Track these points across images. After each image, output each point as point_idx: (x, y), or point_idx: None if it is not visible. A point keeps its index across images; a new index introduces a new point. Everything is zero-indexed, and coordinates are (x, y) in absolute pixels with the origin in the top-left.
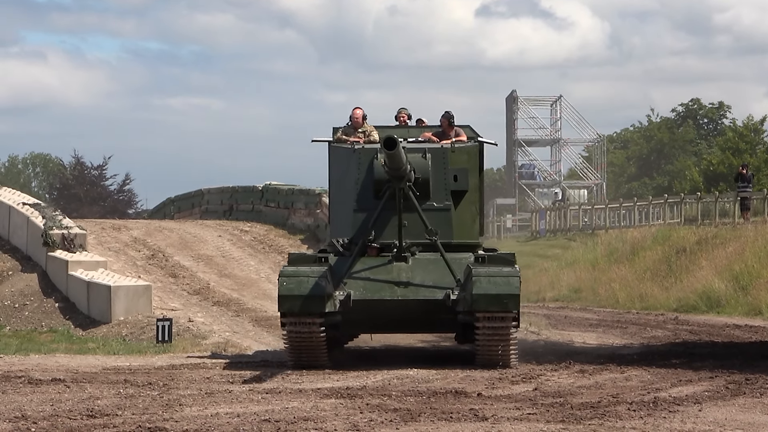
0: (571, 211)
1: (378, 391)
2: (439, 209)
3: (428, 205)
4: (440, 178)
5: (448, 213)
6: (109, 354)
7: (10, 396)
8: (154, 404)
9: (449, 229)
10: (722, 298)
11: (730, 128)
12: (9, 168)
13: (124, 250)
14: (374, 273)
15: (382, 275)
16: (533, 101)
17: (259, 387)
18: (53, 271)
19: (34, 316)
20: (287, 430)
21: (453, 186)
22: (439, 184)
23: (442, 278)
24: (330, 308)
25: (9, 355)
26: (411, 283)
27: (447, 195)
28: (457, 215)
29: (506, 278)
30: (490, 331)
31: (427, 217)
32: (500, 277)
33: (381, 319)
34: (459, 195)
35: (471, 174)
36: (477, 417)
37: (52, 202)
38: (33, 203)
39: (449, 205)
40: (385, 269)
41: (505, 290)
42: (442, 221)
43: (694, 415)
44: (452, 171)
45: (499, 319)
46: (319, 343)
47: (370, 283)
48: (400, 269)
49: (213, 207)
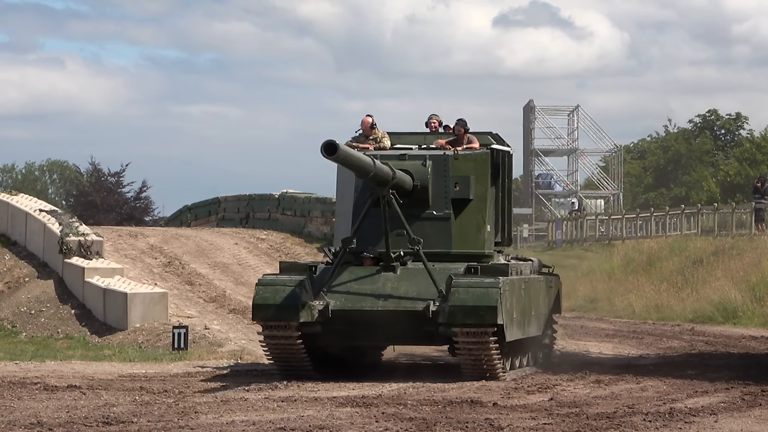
0: (587, 221)
1: (394, 400)
2: (438, 218)
3: (428, 213)
4: (440, 186)
5: (447, 222)
6: (124, 361)
7: (25, 402)
8: (169, 411)
9: (448, 238)
10: (738, 309)
11: (747, 139)
12: (26, 175)
13: (141, 257)
14: (360, 283)
15: (366, 285)
16: (550, 111)
17: (274, 395)
18: (70, 278)
19: (50, 323)
20: None
21: (454, 194)
22: (439, 192)
23: (426, 289)
24: (306, 318)
25: (25, 361)
26: (394, 293)
27: (447, 203)
28: (458, 224)
29: (485, 290)
30: (469, 343)
31: (426, 225)
32: (479, 289)
33: (362, 330)
34: (461, 203)
35: (478, 182)
36: (492, 427)
37: (69, 209)
38: (50, 210)
39: (449, 213)
40: (371, 279)
41: (482, 302)
42: (441, 230)
43: (709, 426)
44: (453, 179)
45: (477, 332)
46: (297, 353)
47: (354, 293)
48: (387, 279)
49: (229, 215)
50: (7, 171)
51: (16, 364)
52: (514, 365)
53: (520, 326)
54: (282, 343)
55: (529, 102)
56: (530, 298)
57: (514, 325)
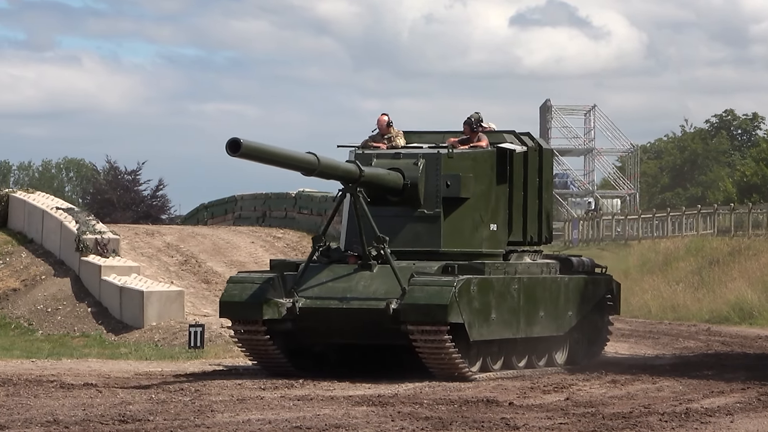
0: (604, 221)
1: (409, 399)
2: (428, 217)
3: (419, 212)
4: (432, 185)
5: (437, 220)
6: (141, 359)
7: (42, 400)
8: (185, 410)
9: (438, 237)
10: (755, 310)
11: (764, 139)
12: (43, 173)
13: (157, 255)
14: (335, 281)
15: (341, 283)
16: (567, 110)
17: (290, 394)
18: (86, 276)
19: (66, 321)
20: None
21: (446, 193)
22: (431, 190)
23: (395, 288)
24: (272, 315)
25: (41, 359)
26: (363, 292)
27: (438, 202)
28: (448, 223)
29: (439, 288)
30: (425, 342)
31: (417, 224)
32: (433, 287)
33: (331, 328)
34: (455, 202)
35: (477, 181)
36: (508, 426)
37: (86, 206)
38: (66, 208)
39: (439, 212)
40: (347, 278)
41: (434, 300)
42: (431, 229)
43: (725, 426)
44: (445, 177)
45: (431, 330)
46: (268, 349)
47: (324, 291)
48: (361, 278)
49: (246, 213)
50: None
51: (33, 362)
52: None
53: (505, 326)
54: (250, 339)
55: (546, 101)
56: (532, 298)
57: (490, 325)
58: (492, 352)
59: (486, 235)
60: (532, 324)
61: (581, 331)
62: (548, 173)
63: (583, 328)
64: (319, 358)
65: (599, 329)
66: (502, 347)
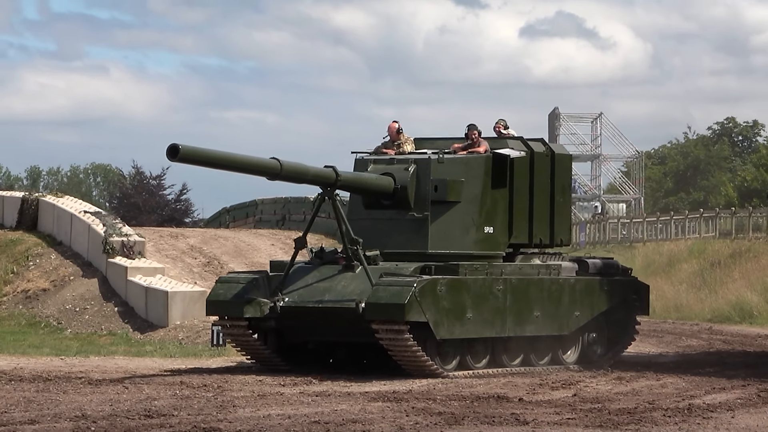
0: (610, 224)
1: (423, 395)
2: (416, 219)
3: (409, 215)
4: (422, 189)
5: (424, 223)
6: (165, 357)
7: (70, 396)
8: (208, 405)
9: (425, 239)
10: (755, 310)
11: (764, 146)
12: (71, 177)
13: (181, 257)
14: (319, 281)
15: (324, 283)
16: (575, 118)
17: (309, 390)
18: (113, 277)
19: (94, 320)
20: (336, 431)
21: (433, 196)
22: (420, 194)
23: (369, 288)
24: (254, 313)
25: (70, 356)
26: (341, 291)
27: (427, 205)
28: (436, 226)
29: (400, 288)
30: (388, 340)
31: (406, 226)
32: (395, 287)
33: (309, 327)
34: (444, 205)
35: (469, 185)
36: (518, 421)
37: (112, 210)
38: (94, 211)
39: (427, 215)
40: (331, 278)
41: (393, 300)
42: (418, 231)
43: (727, 421)
44: (434, 182)
45: (392, 329)
46: (254, 346)
47: (307, 291)
48: (343, 278)
49: (266, 216)
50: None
51: (62, 360)
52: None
53: (487, 324)
54: (235, 336)
55: (555, 109)
56: (524, 299)
57: (464, 324)
58: (474, 350)
59: (479, 238)
60: (523, 323)
61: (598, 331)
62: (564, 178)
63: (600, 327)
64: (315, 355)
65: (622, 329)
66: (487, 345)
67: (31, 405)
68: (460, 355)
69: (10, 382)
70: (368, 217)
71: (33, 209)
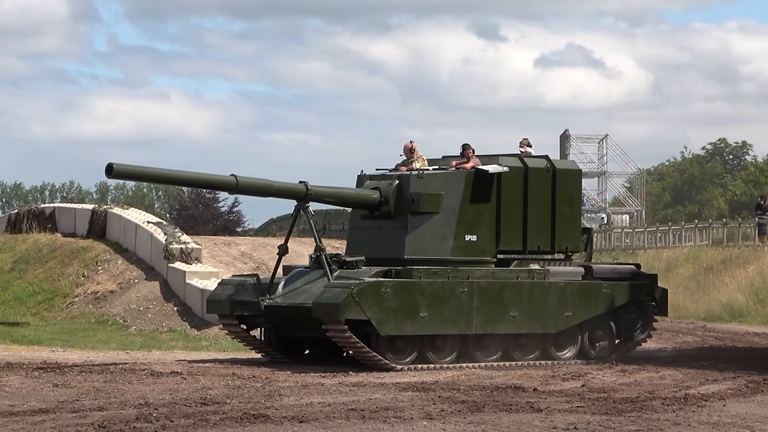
0: (614, 234)
1: (448, 385)
2: (395, 228)
3: (390, 224)
4: (401, 201)
5: (401, 232)
6: (219, 351)
7: (135, 386)
8: (257, 394)
9: (402, 246)
10: (743, 310)
11: (752, 164)
12: (136, 191)
13: (233, 262)
14: (304, 284)
15: (305, 286)
16: (583, 139)
17: (346, 381)
18: (173, 280)
19: (156, 318)
20: (371, 417)
21: (411, 208)
22: (400, 206)
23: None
24: (243, 311)
25: (134, 351)
26: (313, 293)
27: (405, 216)
28: (413, 235)
29: (340, 290)
30: (332, 335)
31: (388, 235)
32: (336, 289)
33: (286, 324)
34: (422, 216)
35: (448, 197)
36: (533, 409)
37: (172, 221)
38: (156, 222)
39: (404, 224)
40: (314, 282)
41: (332, 300)
42: (396, 239)
43: (719, 409)
44: (411, 195)
45: (334, 328)
46: (250, 340)
47: (290, 292)
48: (322, 282)
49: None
50: (119, 188)
51: (127, 353)
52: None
53: (447, 323)
54: (232, 331)
55: (565, 131)
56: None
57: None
58: (436, 346)
59: (458, 245)
60: (495, 322)
61: (604, 329)
62: (571, 190)
63: (606, 326)
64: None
65: (632, 328)
66: (453, 342)
67: (99, 394)
68: (418, 351)
69: (81, 373)
70: (363, 227)
71: (102, 220)
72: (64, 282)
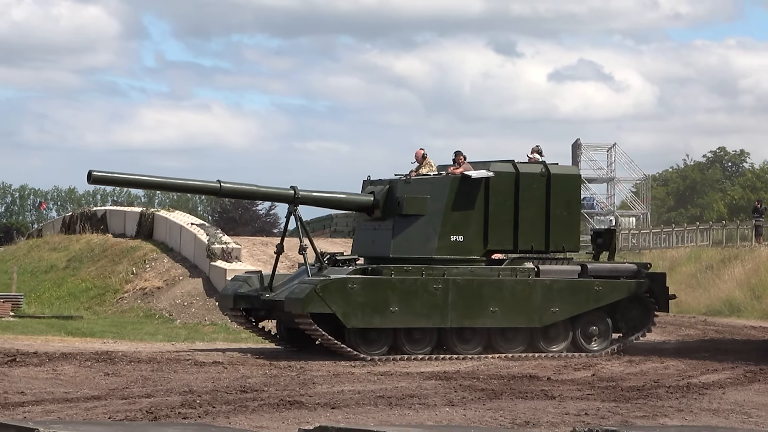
0: (622, 235)
1: (469, 374)
2: (383, 229)
3: (380, 225)
4: (390, 205)
5: (388, 233)
6: (257, 343)
7: (180, 375)
8: (293, 382)
9: (388, 245)
10: (741, 305)
11: (749, 170)
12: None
13: (270, 260)
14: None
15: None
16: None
17: (375, 370)
18: (214, 277)
19: (199, 312)
20: (397, 404)
21: (397, 210)
22: (388, 209)
23: None
24: (246, 305)
25: (179, 342)
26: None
27: (392, 218)
28: (400, 235)
29: (306, 285)
30: (301, 326)
31: (378, 235)
32: (304, 285)
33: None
34: (408, 218)
35: (433, 200)
36: (547, 396)
37: (214, 222)
38: (199, 223)
39: (390, 226)
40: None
41: (297, 295)
42: (383, 239)
43: (718, 397)
44: (398, 198)
45: (301, 321)
46: (255, 330)
47: (286, 288)
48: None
49: (340, 228)
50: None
51: (172, 345)
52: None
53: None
54: (240, 322)
55: (577, 140)
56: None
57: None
58: (412, 338)
59: (442, 245)
60: (473, 317)
61: (599, 324)
62: (570, 194)
63: (601, 321)
64: None
65: (630, 322)
66: (428, 334)
67: (147, 382)
68: (392, 342)
69: (130, 363)
70: (363, 228)
71: (149, 222)
72: (115, 279)
